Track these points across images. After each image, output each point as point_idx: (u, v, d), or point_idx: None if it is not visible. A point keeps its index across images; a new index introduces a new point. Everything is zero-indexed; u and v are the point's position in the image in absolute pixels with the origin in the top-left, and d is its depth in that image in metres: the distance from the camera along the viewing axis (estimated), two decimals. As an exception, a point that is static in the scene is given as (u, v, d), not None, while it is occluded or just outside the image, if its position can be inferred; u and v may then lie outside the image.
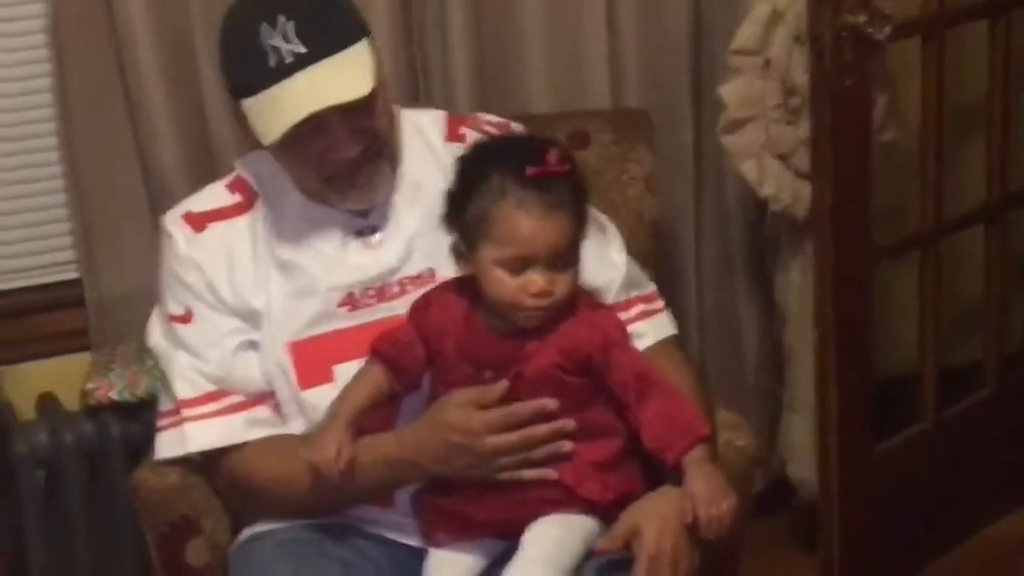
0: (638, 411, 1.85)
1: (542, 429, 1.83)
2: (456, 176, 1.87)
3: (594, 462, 1.86)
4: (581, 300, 1.90)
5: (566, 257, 1.82)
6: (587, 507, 1.85)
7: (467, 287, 1.89)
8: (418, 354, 1.90)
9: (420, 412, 1.93)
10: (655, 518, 1.81)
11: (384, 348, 1.91)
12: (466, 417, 1.83)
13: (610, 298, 2.06)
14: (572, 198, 1.82)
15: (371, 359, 1.92)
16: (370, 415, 1.91)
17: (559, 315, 1.85)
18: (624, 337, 1.91)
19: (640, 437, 1.85)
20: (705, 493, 1.79)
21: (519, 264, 1.80)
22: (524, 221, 1.78)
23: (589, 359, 1.85)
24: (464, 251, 1.85)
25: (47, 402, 2.66)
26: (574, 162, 1.85)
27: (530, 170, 1.78)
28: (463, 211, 1.84)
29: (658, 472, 1.87)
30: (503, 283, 1.81)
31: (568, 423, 1.83)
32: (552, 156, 1.80)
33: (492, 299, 1.83)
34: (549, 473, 1.83)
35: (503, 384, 1.83)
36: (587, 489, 1.85)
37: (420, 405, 1.94)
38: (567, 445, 1.83)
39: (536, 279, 1.79)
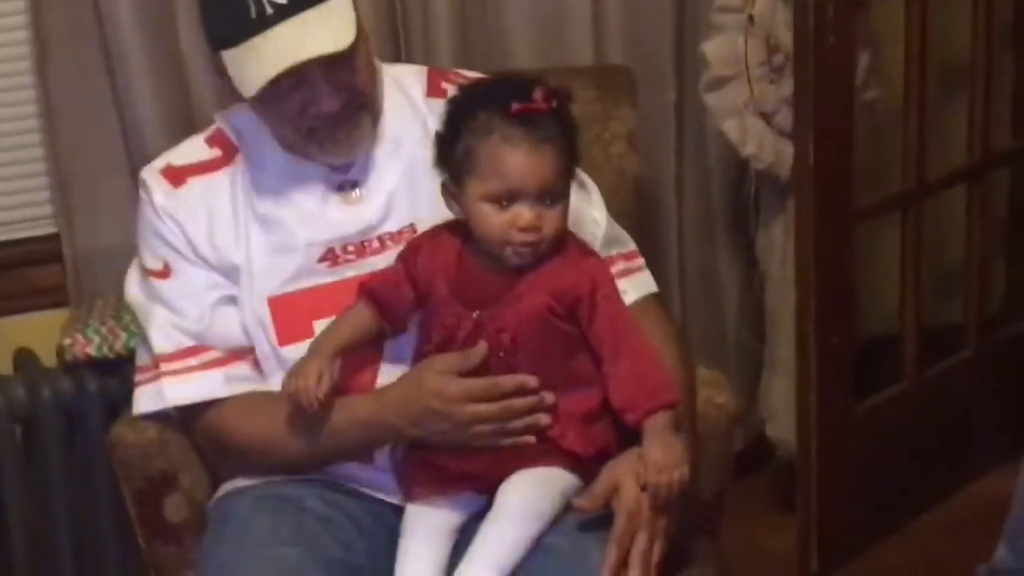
0: (610, 366, 1.85)
1: (521, 402, 1.82)
2: (444, 117, 1.87)
3: (577, 413, 1.86)
4: (571, 242, 1.90)
5: (553, 192, 1.81)
6: (569, 460, 1.85)
7: (459, 229, 1.89)
8: (406, 294, 1.90)
9: (406, 358, 1.93)
10: (634, 474, 1.81)
11: (372, 287, 1.91)
12: (446, 383, 1.83)
13: (590, 255, 2.05)
14: (559, 134, 1.82)
15: (359, 298, 1.91)
16: (356, 357, 1.91)
17: (548, 254, 1.85)
18: (613, 287, 1.91)
19: (608, 392, 1.85)
20: (659, 459, 1.79)
21: (506, 198, 1.80)
22: (510, 155, 1.79)
23: (577, 303, 1.85)
24: (453, 190, 1.85)
25: (24, 357, 2.65)
26: (562, 100, 1.86)
27: (515, 106, 1.79)
28: (451, 150, 1.84)
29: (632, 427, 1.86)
30: (491, 218, 1.81)
31: (548, 396, 1.83)
32: (539, 94, 1.81)
33: (481, 235, 1.83)
34: (527, 439, 1.83)
35: (483, 348, 1.83)
36: (570, 441, 1.85)
37: (407, 352, 1.94)
38: (544, 418, 1.83)
39: (524, 213, 1.79)
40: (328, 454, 1.94)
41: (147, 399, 2.03)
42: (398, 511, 1.93)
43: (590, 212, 2.08)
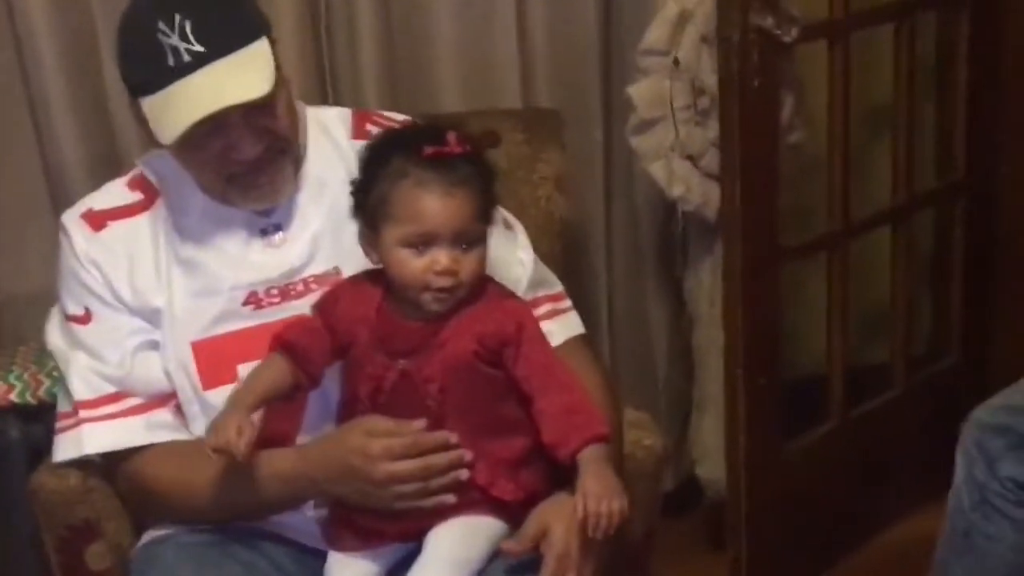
0: (539, 404, 1.84)
1: (441, 459, 1.81)
2: (360, 165, 1.87)
3: (506, 460, 1.85)
4: (490, 286, 1.90)
5: (470, 236, 1.81)
6: (498, 507, 1.84)
7: (380, 278, 1.88)
8: (323, 344, 1.88)
9: (331, 410, 1.92)
10: (562, 518, 1.80)
11: (287, 338, 1.88)
12: (367, 441, 1.81)
13: (517, 297, 2.05)
14: (474, 177, 1.81)
15: (273, 349, 1.89)
16: (276, 416, 1.89)
17: (468, 299, 1.84)
18: (536, 327, 1.90)
19: (539, 430, 1.84)
20: (597, 489, 1.78)
21: (422, 242, 1.79)
22: (424, 198, 1.78)
23: (503, 347, 1.84)
24: (371, 237, 1.84)
25: (-54, 404, 2.60)
26: (476, 144, 1.86)
27: (428, 150, 1.79)
28: (366, 197, 1.84)
29: (562, 472, 1.85)
30: (407, 263, 1.80)
31: (466, 453, 1.82)
32: (452, 137, 1.81)
33: (398, 281, 1.82)
34: (447, 499, 1.81)
35: (420, 424, 1.82)
36: (500, 488, 1.84)
37: (328, 407, 1.92)
38: (464, 474, 1.82)
39: (440, 257, 1.79)
40: (250, 507, 1.92)
41: (66, 446, 2.01)
42: (321, 556, 1.91)
43: (516, 253, 2.08)
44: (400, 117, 2.16)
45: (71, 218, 2.03)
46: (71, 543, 2.05)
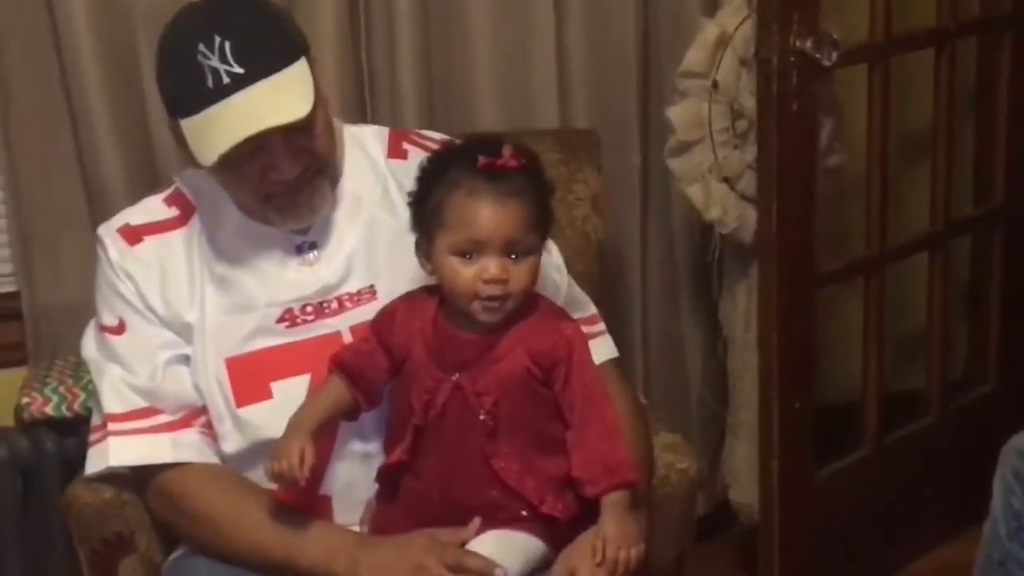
0: (576, 434, 1.85)
1: None
2: (417, 177, 1.88)
3: (554, 478, 1.86)
4: (543, 303, 1.91)
5: (520, 246, 1.81)
6: (543, 525, 1.85)
7: (434, 293, 1.89)
8: (380, 364, 1.89)
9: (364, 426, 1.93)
10: (588, 560, 1.82)
11: (345, 360, 1.90)
12: (431, 562, 1.81)
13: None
14: (528, 190, 1.82)
15: (331, 371, 1.90)
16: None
17: (521, 314, 1.85)
18: (588, 353, 1.90)
19: (571, 460, 1.85)
20: (616, 535, 1.81)
21: (472, 249, 1.80)
22: (476, 206, 1.79)
23: (554, 367, 1.85)
24: (425, 248, 1.85)
25: (-19, 416, 2.62)
26: (533, 158, 1.86)
27: (483, 161, 1.80)
28: (423, 207, 1.85)
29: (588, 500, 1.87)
30: (458, 271, 1.81)
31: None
32: (507, 150, 1.82)
33: (449, 289, 1.83)
34: None
35: (475, 524, 1.84)
36: (549, 505, 1.85)
37: (380, 421, 1.93)
38: None
39: (489, 266, 1.79)
40: (280, 565, 1.90)
41: (94, 459, 2.02)
42: None
43: (551, 275, 2.08)
44: (438, 136, 2.17)
45: (108, 231, 2.04)
46: (105, 556, 2.05)
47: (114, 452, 1.98)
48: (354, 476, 1.93)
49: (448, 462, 1.85)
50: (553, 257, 2.11)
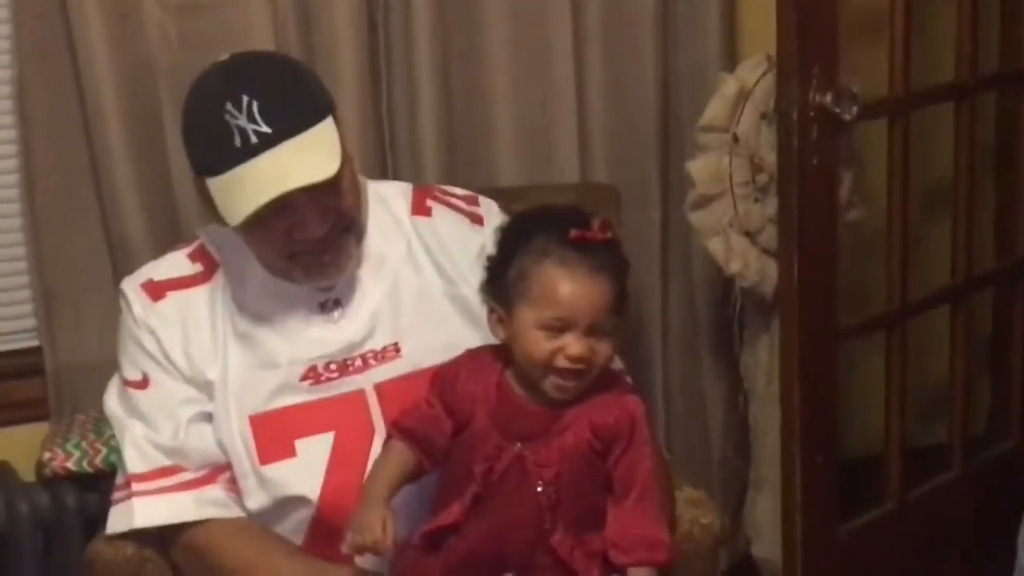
0: (619, 501, 1.83)
1: None
2: (497, 240, 1.85)
3: (596, 550, 1.84)
4: (612, 377, 1.88)
5: (605, 325, 1.79)
6: None
7: (498, 356, 1.86)
8: (445, 428, 1.86)
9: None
10: None
11: (406, 424, 1.87)
12: None
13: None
14: (613, 265, 1.80)
15: (393, 436, 1.87)
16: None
17: (589, 388, 1.82)
18: (646, 428, 1.87)
19: (607, 523, 1.83)
20: None
21: (559, 326, 1.77)
22: (566, 281, 1.76)
23: (614, 441, 1.83)
24: (502, 315, 1.82)
25: (3, 471, 2.62)
26: (615, 232, 1.85)
27: (574, 232, 1.77)
28: (503, 273, 1.82)
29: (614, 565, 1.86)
30: (539, 345, 1.77)
31: None
32: (597, 223, 1.80)
33: (526, 362, 1.80)
34: None
35: None
36: None
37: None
38: None
39: (573, 343, 1.77)
40: None
41: (118, 518, 2.01)
42: None
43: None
44: (462, 192, 2.17)
45: (131, 286, 2.05)
46: (125, 613, 2.05)
47: (139, 512, 1.98)
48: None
49: (500, 529, 1.83)
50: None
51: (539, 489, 1.81)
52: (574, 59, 2.79)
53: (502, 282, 1.82)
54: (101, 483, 2.38)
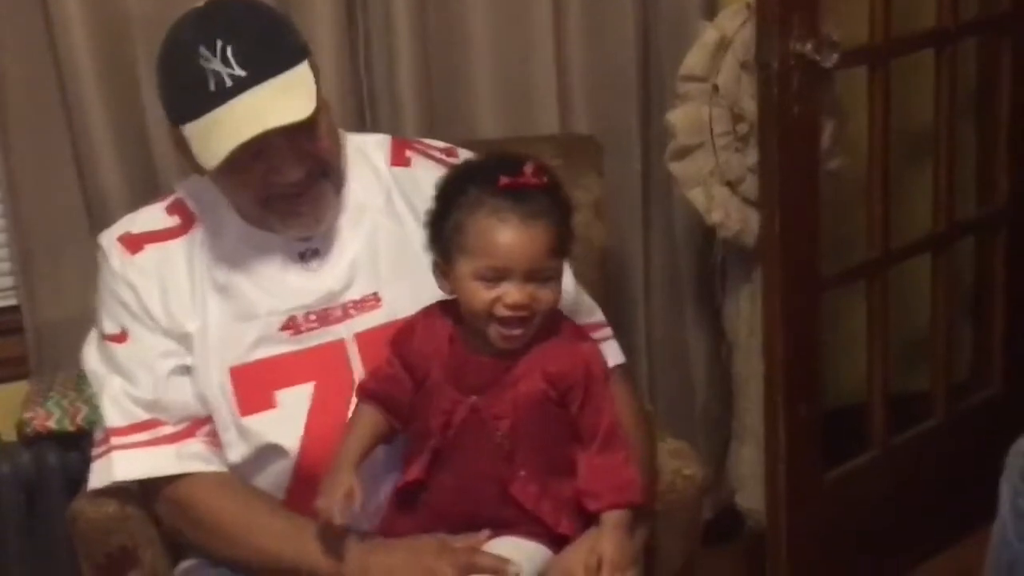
0: (587, 449, 1.84)
1: None
2: (435, 194, 1.85)
3: (570, 499, 1.85)
4: (564, 324, 1.89)
5: (545, 270, 1.79)
6: (557, 539, 1.85)
7: (450, 310, 1.87)
8: (405, 387, 1.87)
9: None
10: (584, 565, 1.81)
11: (373, 388, 1.89)
12: (441, 566, 1.80)
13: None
14: (551, 210, 1.79)
15: (360, 400, 1.89)
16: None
17: (541, 336, 1.82)
18: (604, 373, 1.89)
19: (578, 473, 1.84)
20: (612, 556, 1.80)
21: (495, 275, 1.77)
22: (498, 230, 1.76)
23: (570, 390, 1.83)
24: (444, 268, 1.83)
25: (-16, 431, 2.61)
26: (554, 177, 1.83)
27: (504, 180, 1.77)
28: (441, 227, 1.82)
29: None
30: (478, 295, 1.78)
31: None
32: (529, 168, 1.79)
33: (469, 313, 1.81)
34: None
35: (484, 535, 1.83)
36: (564, 526, 1.85)
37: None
38: None
39: (512, 291, 1.77)
40: (291, 569, 1.90)
41: (98, 473, 2.01)
42: None
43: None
44: (441, 144, 2.16)
45: (108, 239, 2.04)
46: (109, 570, 2.04)
47: (118, 467, 1.97)
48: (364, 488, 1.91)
49: (464, 482, 1.84)
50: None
51: (497, 440, 1.81)
52: (553, 9, 2.77)
53: (441, 235, 1.82)
54: (83, 441, 2.37)
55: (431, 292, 1.90)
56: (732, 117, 2.73)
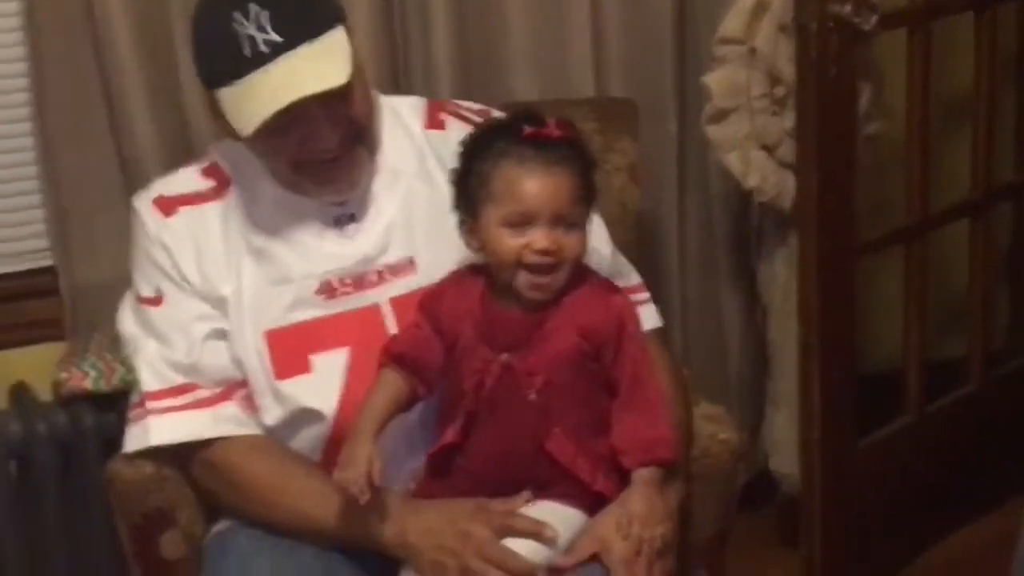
0: (620, 405, 1.84)
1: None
2: (460, 153, 1.86)
3: (607, 456, 1.85)
4: (591, 277, 1.89)
5: (570, 217, 1.80)
6: (596, 500, 1.85)
7: (481, 271, 1.88)
8: (436, 349, 1.87)
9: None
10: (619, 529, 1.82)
11: (399, 352, 1.88)
12: (477, 528, 1.80)
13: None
14: (574, 160, 1.81)
15: (386, 364, 1.88)
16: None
17: (569, 288, 1.83)
18: (637, 326, 1.89)
19: (611, 429, 1.85)
20: (642, 513, 1.81)
21: (522, 221, 1.78)
22: (524, 176, 1.78)
23: (604, 343, 1.84)
24: (471, 224, 1.84)
25: (20, 392, 2.62)
26: (576, 131, 1.86)
27: (528, 130, 1.79)
28: (467, 183, 1.84)
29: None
30: (505, 242, 1.79)
31: None
32: (552, 122, 1.81)
33: (497, 262, 1.81)
34: None
35: (526, 495, 1.83)
36: (601, 484, 1.85)
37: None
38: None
39: (539, 237, 1.78)
40: (328, 532, 1.90)
41: (134, 437, 2.01)
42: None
43: (593, 243, 2.05)
44: (476, 107, 2.15)
45: (143, 202, 2.04)
46: (145, 531, 2.05)
47: (155, 431, 1.98)
48: (395, 449, 1.91)
49: (500, 443, 1.84)
50: (595, 227, 2.08)
51: (531, 398, 1.81)
52: (589, -29, 2.76)
53: (467, 191, 1.84)
54: (118, 402, 2.36)
55: (466, 256, 1.90)
56: (769, 80, 2.71)
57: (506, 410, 1.82)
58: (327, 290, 1.96)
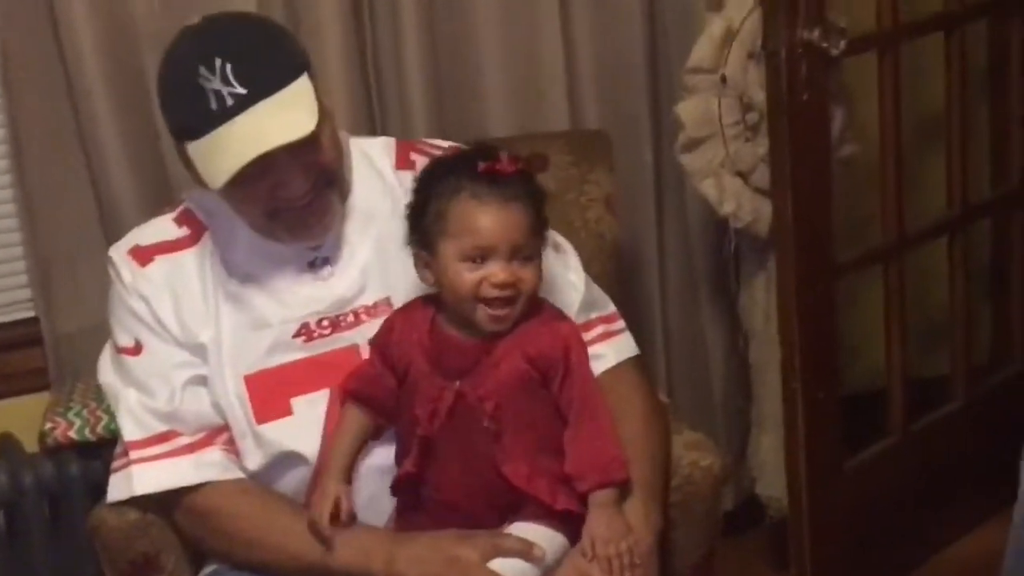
0: (570, 431, 1.86)
1: None
2: (414, 188, 1.89)
3: (561, 476, 1.86)
4: (544, 306, 1.91)
5: (526, 249, 1.83)
6: (567, 520, 1.86)
7: (429, 302, 1.91)
8: (388, 384, 1.90)
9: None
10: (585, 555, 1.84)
11: (354, 388, 1.92)
12: (468, 554, 1.82)
13: (570, 320, 2.04)
14: (527, 195, 1.84)
15: (343, 401, 1.92)
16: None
17: (520, 318, 1.85)
18: (584, 353, 1.91)
19: (565, 457, 1.86)
20: (604, 533, 1.83)
21: (479, 255, 1.81)
22: (480, 211, 1.81)
23: (550, 368, 1.86)
24: (427, 258, 1.86)
25: (6, 443, 2.62)
26: (527, 166, 1.88)
27: (483, 165, 1.82)
28: (422, 217, 1.86)
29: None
30: (463, 276, 1.82)
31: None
32: (504, 155, 1.84)
33: (454, 297, 1.84)
34: None
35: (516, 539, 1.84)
36: (562, 502, 1.86)
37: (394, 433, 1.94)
38: None
39: (497, 270, 1.80)
40: (312, 570, 1.91)
41: (118, 487, 2.02)
42: None
43: (567, 276, 2.08)
44: (444, 144, 2.17)
45: (118, 253, 2.05)
46: (132, 578, 2.06)
47: (138, 479, 1.98)
48: (375, 490, 1.93)
49: (461, 470, 1.86)
50: (570, 258, 2.10)
51: (485, 424, 1.84)
52: (560, 4, 2.77)
53: (422, 226, 1.86)
54: (104, 450, 2.37)
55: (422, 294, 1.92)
56: (741, 107, 2.73)
57: (462, 437, 1.85)
58: (305, 333, 1.97)
